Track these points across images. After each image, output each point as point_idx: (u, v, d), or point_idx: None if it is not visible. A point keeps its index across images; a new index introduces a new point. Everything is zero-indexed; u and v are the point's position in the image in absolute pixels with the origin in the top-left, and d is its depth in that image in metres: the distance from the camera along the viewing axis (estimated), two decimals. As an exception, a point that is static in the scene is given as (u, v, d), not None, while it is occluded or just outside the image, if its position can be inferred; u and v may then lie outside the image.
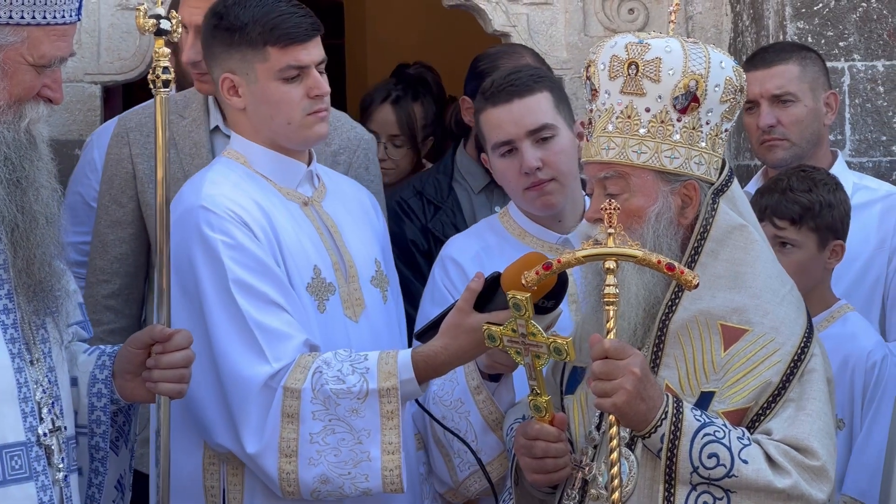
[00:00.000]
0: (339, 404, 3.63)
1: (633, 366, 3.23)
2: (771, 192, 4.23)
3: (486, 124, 4.07)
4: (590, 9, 5.45)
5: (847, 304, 4.29)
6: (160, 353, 3.45)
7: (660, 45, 3.41)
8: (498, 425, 3.82)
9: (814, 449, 3.31)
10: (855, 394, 4.14)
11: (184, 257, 3.71)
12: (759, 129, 4.58)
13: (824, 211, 4.19)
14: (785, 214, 4.18)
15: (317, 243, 3.87)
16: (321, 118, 3.86)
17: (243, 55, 3.81)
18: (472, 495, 3.92)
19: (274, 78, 3.80)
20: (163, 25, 3.52)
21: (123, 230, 4.57)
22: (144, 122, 4.55)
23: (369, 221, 4.10)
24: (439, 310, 4.02)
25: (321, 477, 3.64)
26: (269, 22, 3.78)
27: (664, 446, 3.28)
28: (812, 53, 4.69)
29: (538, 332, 3.38)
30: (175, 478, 3.71)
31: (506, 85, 4.04)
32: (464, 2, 5.41)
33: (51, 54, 3.28)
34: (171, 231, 3.69)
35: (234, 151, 3.92)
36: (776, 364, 3.38)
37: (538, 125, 4.01)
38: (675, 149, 3.42)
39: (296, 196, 3.90)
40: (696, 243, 3.44)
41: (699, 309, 3.40)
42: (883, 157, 5.19)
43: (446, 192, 4.92)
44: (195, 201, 3.76)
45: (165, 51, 3.54)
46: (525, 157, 4.00)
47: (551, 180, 4.02)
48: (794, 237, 4.18)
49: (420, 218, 4.88)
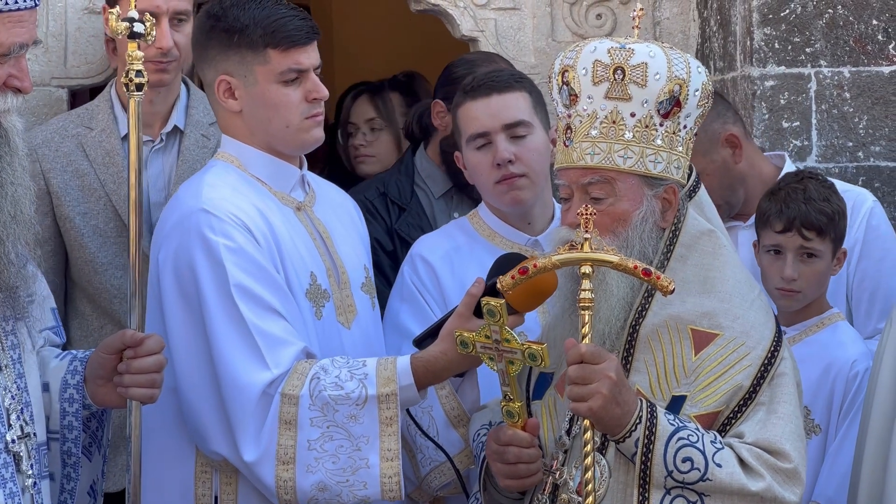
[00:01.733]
0: (338, 410, 3.60)
1: (609, 370, 3.25)
2: (794, 201, 4.21)
3: (463, 118, 4.09)
4: (557, 14, 5.45)
5: (839, 312, 4.31)
6: (131, 358, 3.43)
7: (643, 49, 3.42)
8: (460, 421, 3.82)
9: (786, 451, 3.33)
10: (834, 401, 4.16)
11: (184, 261, 3.68)
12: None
13: (841, 220, 4.23)
14: (814, 225, 4.18)
15: (311, 249, 3.86)
16: (318, 122, 3.86)
17: (242, 57, 3.79)
18: (434, 491, 3.91)
19: (274, 80, 3.78)
20: (136, 29, 3.50)
21: (41, 247, 4.52)
22: (51, 137, 4.53)
23: (356, 228, 4.10)
24: (408, 307, 4.04)
25: (319, 484, 3.61)
26: (270, 24, 3.76)
27: (639, 451, 3.29)
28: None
29: (513, 339, 3.38)
30: (166, 487, 3.73)
31: (486, 81, 4.09)
32: (432, 6, 5.41)
33: (8, 42, 3.20)
34: (167, 235, 3.70)
35: (228, 154, 3.88)
36: (747, 368, 3.40)
37: (514, 120, 4.04)
38: (658, 153, 3.44)
39: (290, 200, 3.89)
40: (665, 248, 3.46)
41: (669, 314, 3.42)
42: (849, 163, 5.22)
43: (409, 193, 4.92)
44: (195, 204, 3.72)
45: (138, 54, 3.52)
46: (498, 149, 4.02)
47: (522, 175, 4.04)
48: (819, 247, 4.19)
49: (385, 219, 4.87)
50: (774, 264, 4.23)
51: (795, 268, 4.17)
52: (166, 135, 4.56)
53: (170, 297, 3.71)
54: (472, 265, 4.02)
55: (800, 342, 4.20)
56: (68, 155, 4.54)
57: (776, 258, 4.22)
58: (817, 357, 4.16)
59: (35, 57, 5.01)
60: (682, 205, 3.49)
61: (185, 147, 4.56)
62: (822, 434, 4.17)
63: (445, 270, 4.09)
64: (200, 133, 4.58)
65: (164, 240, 3.76)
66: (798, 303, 4.24)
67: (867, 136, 5.22)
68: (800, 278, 4.18)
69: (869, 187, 5.16)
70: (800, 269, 4.19)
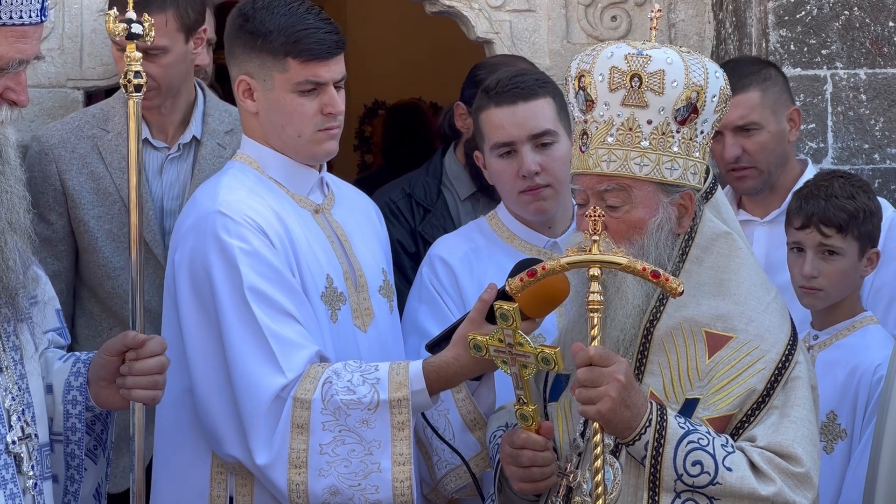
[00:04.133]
0: (350, 415, 3.60)
1: (618, 373, 3.24)
2: (815, 198, 4.19)
3: (487, 123, 4.06)
4: (572, 16, 5.45)
5: (871, 315, 4.27)
6: (134, 360, 3.44)
7: (660, 56, 3.39)
8: (476, 425, 3.81)
9: (798, 455, 3.32)
10: (858, 405, 4.13)
11: (199, 262, 3.69)
12: (725, 159, 4.57)
13: (867, 218, 4.19)
14: (832, 222, 4.15)
15: (328, 252, 3.85)
16: (332, 135, 3.85)
17: (263, 61, 3.79)
18: (449, 494, 3.91)
19: (290, 90, 3.78)
20: (134, 29, 3.51)
21: (54, 247, 4.54)
22: (67, 137, 4.54)
23: (375, 231, 4.09)
24: (426, 308, 4.03)
25: (331, 488, 3.61)
26: (293, 34, 3.75)
27: (648, 454, 3.29)
28: (772, 70, 4.68)
29: (525, 343, 3.37)
30: (182, 488, 3.74)
31: (511, 86, 4.03)
32: (447, 8, 5.41)
33: (8, 56, 3.18)
34: (184, 236, 3.71)
35: (246, 156, 3.89)
36: (760, 371, 3.38)
37: (541, 130, 4.02)
38: (675, 160, 3.42)
39: (307, 203, 3.89)
40: (680, 251, 3.45)
41: (684, 316, 3.41)
42: (865, 165, 5.20)
43: (435, 195, 4.91)
44: (212, 206, 3.73)
45: (137, 55, 3.53)
46: (525, 161, 4.00)
47: (547, 186, 4.03)
48: (840, 245, 4.16)
49: (409, 220, 4.87)
50: (797, 262, 4.20)
51: (815, 265, 4.14)
52: (183, 145, 4.58)
53: (185, 298, 3.72)
54: (491, 267, 4.01)
55: (831, 346, 4.18)
56: (84, 157, 4.56)
57: (799, 256, 4.20)
58: (845, 361, 4.13)
59: (51, 58, 5.03)
60: (697, 207, 3.47)
61: (202, 156, 4.57)
62: (848, 439, 4.15)
63: (464, 272, 4.08)
64: (216, 142, 4.60)
65: (180, 241, 3.77)
66: (821, 301, 4.19)
67: (883, 139, 5.21)
68: (821, 276, 4.14)
69: (885, 189, 5.15)
70: (820, 266, 4.15)
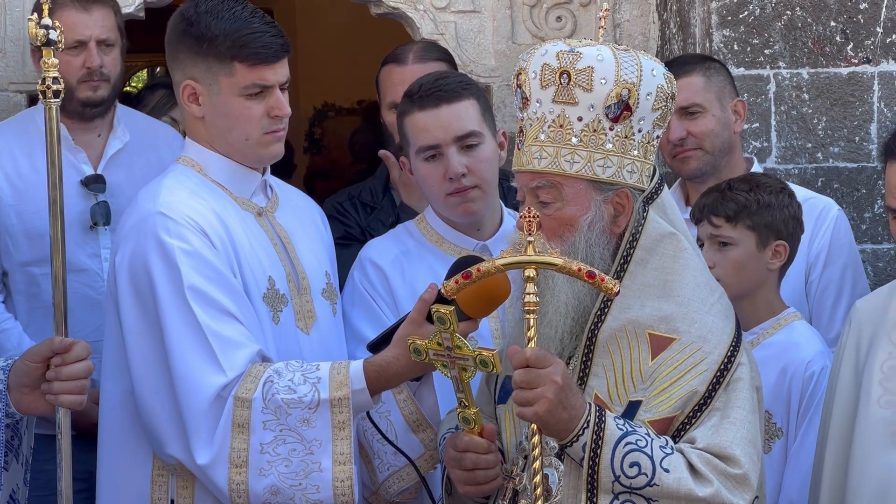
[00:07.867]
0: (291, 414, 3.59)
1: (555, 374, 3.23)
2: (711, 192, 4.26)
3: (411, 127, 4.06)
4: (518, 16, 5.46)
5: (795, 312, 4.29)
6: (60, 365, 3.42)
7: (591, 53, 3.39)
8: (419, 426, 3.80)
9: (736, 457, 3.31)
10: (791, 403, 4.15)
11: (139, 263, 3.67)
12: (671, 142, 4.65)
13: (762, 210, 4.20)
14: (720, 212, 4.20)
15: (271, 254, 3.85)
16: (278, 138, 3.85)
17: (209, 66, 3.78)
18: (392, 497, 3.89)
19: (237, 93, 3.77)
20: (51, 36, 3.51)
21: None
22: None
23: (319, 234, 4.08)
24: (359, 311, 4.02)
25: (272, 488, 3.60)
26: (240, 38, 3.75)
27: (586, 455, 3.28)
28: (715, 63, 4.76)
29: (464, 346, 3.35)
30: (124, 491, 3.72)
31: (434, 89, 4.03)
32: (392, 10, 5.41)
33: None
34: (125, 237, 3.70)
35: (189, 158, 3.88)
36: (703, 373, 3.38)
37: (465, 132, 4.01)
38: (608, 158, 3.42)
39: (250, 206, 3.88)
40: (625, 252, 3.44)
41: (628, 318, 3.40)
42: (808, 164, 5.23)
43: (381, 194, 4.91)
44: (152, 207, 3.72)
45: (54, 61, 3.54)
46: (451, 163, 4.00)
47: (474, 187, 4.02)
48: (729, 234, 4.19)
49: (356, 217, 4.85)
50: None
51: (710, 256, 4.14)
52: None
53: (126, 299, 3.70)
54: (423, 270, 4.00)
55: (758, 345, 4.17)
56: None
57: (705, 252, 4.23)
58: (774, 359, 4.14)
59: (-7, 62, 5.02)
60: (641, 208, 3.47)
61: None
62: (784, 437, 4.16)
63: (396, 275, 4.07)
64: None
65: (121, 242, 3.76)
66: None
67: (826, 137, 5.24)
68: (717, 267, 4.13)
69: (828, 188, 5.18)
70: (716, 258, 4.17)
